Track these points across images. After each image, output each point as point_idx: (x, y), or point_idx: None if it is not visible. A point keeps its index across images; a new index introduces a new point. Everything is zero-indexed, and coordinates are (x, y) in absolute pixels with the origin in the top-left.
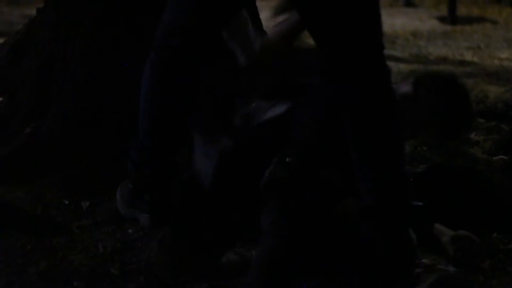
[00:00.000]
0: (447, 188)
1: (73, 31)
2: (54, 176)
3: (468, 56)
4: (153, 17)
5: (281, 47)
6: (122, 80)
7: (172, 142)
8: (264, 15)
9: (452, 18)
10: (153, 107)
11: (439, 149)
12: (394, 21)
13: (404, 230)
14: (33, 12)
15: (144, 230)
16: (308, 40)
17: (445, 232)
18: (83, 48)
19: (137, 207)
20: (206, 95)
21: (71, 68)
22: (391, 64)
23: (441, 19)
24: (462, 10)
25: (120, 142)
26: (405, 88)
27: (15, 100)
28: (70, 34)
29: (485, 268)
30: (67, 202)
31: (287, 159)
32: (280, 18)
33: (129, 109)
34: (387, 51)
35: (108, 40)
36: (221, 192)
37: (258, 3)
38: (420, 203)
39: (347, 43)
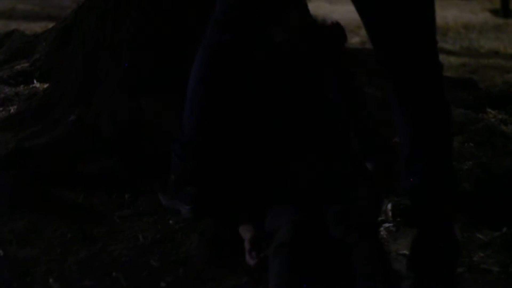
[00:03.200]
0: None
1: (120, 19)
2: (96, 165)
3: None
4: (202, 13)
5: None
6: (168, 71)
7: (217, 137)
8: None
9: (505, 11)
10: (200, 103)
11: (486, 146)
12: (446, 13)
13: (450, 228)
14: None
15: (185, 222)
16: None
17: None
18: (130, 36)
19: (179, 199)
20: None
21: (117, 57)
22: (441, 56)
23: (494, 12)
24: None
25: (166, 133)
26: None
27: (60, 87)
28: (117, 22)
29: None
30: (109, 191)
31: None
32: None
33: (175, 101)
34: (438, 44)
35: (155, 31)
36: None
37: None
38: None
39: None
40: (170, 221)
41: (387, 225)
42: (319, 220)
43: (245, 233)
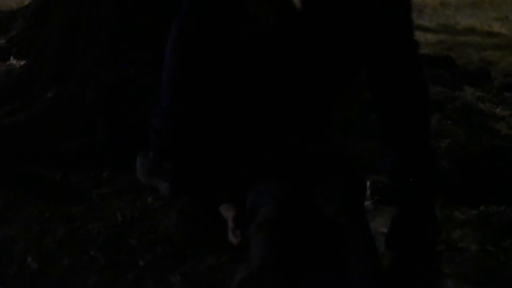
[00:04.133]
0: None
1: None
2: (75, 143)
3: (496, 27)
4: None
5: None
6: (147, 46)
7: (194, 111)
8: None
9: None
10: (177, 76)
11: (463, 124)
12: None
13: (429, 206)
14: None
15: (164, 200)
16: None
17: None
18: (108, 11)
19: (157, 176)
20: None
21: (95, 32)
22: (418, 33)
23: None
24: None
25: (145, 107)
26: None
27: (38, 64)
28: None
29: (506, 246)
30: (87, 169)
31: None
32: None
33: (154, 75)
34: (415, 21)
35: (134, 4)
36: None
37: None
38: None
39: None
40: (149, 199)
41: (365, 203)
42: (304, 199)
43: (227, 211)
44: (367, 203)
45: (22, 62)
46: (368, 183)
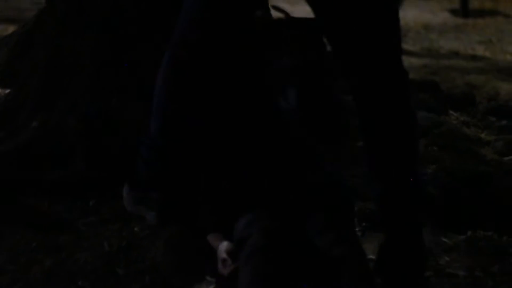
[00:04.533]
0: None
1: (83, 24)
2: (61, 172)
3: (480, 51)
4: (169, 15)
5: None
6: (133, 77)
7: (183, 142)
8: None
9: (464, 11)
10: (165, 106)
11: (449, 149)
12: (406, 13)
13: (417, 233)
14: None
15: (151, 229)
16: None
17: None
18: (93, 41)
19: (144, 205)
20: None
21: (80, 62)
22: (403, 58)
23: (453, 12)
24: (474, 3)
25: (129, 138)
26: None
27: (23, 93)
28: (79, 27)
29: (494, 272)
30: (73, 198)
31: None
32: None
33: (139, 106)
34: None
35: (120, 36)
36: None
37: None
38: None
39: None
40: (135, 228)
41: None
42: (294, 229)
43: (215, 240)
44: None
45: (7, 91)
46: (355, 209)
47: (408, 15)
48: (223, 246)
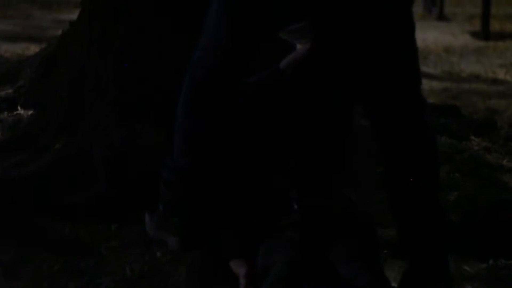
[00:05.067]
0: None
1: (106, 47)
2: (84, 195)
3: (501, 74)
4: (189, 35)
5: None
6: (158, 96)
7: (206, 164)
8: None
9: (485, 34)
10: (187, 127)
11: (471, 176)
12: (426, 35)
13: (442, 261)
14: (65, 17)
15: (173, 254)
16: None
17: None
18: (116, 65)
19: (166, 230)
20: None
21: (103, 85)
22: (424, 81)
23: (474, 34)
24: (495, 25)
25: (151, 162)
26: None
27: (46, 115)
28: (102, 51)
29: None
30: (95, 222)
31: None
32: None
33: (165, 124)
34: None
35: (142, 58)
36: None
37: None
38: None
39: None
40: (158, 253)
41: None
42: (317, 258)
43: (238, 267)
44: None
45: (29, 113)
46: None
47: (429, 37)
48: (246, 273)
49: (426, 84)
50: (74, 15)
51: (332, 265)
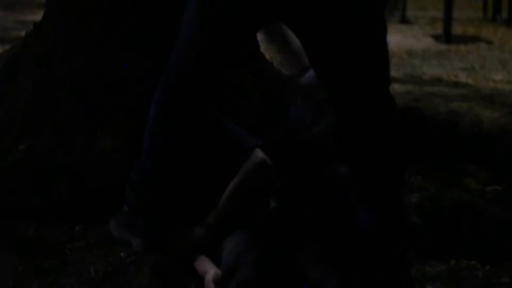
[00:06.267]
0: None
1: (70, 49)
2: (47, 197)
3: (463, 77)
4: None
5: None
6: (120, 101)
7: (173, 168)
8: None
9: (447, 37)
10: (156, 130)
11: (433, 178)
12: (389, 39)
13: (402, 257)
14: (28, 17)
15: (137, 255)
16: None
17: None
18: (80, 66)
19: (130, 231)
20: None
21: (67, 86)
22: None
23: (436, 38)
24: (457, 29)
25: (115, 163)
26: None
27: (10, 116)
28: (66, 52)
29: None
30: (59, 223)
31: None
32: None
33: (127, 129)
34: None
35: (106, 61)
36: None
37: None
38: None
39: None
40: (122, 254)
41: None
42: (285, 259)
43: (202, 267)
44: None
45: None
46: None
47: (391, 40)
48: (211, 275)
49: None
50: (37, 16)
51: (300, 267)
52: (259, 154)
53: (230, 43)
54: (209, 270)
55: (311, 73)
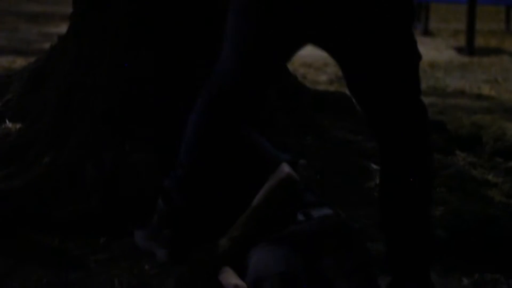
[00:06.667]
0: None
1: (94, 63)
2: (71, 209)
3: (486, 90)
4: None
5: None
6: (146, 115)
7: (205, 179)
8: None
9: (470, 49)
10: (194, 146)
11: (457, 191)
12: None
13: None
14: (52, 30)
15: (161, 267)
16: None
17: None
18: (104, 79)
19: (156, 241)
20: None
21: (90, 101)
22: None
23: (459, 50)
24: (480, 41)
25: (141, 180)
26: None
27: (34, 129)
28: (90, 66)
29: None
30: (84, 235)
31: None
32: None
33: (155, 143)
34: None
35: (130, 76)
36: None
37: None
38: None
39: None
40: (146, 266)
41: None
42: (312, 271)
43: (227, 280)
44: None
45: (18, 126)
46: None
47: None
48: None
49: None
50: (60, 28)
51: (327, 280)
52: (286, 168)
53: (270, 65)
54: (235, 283)
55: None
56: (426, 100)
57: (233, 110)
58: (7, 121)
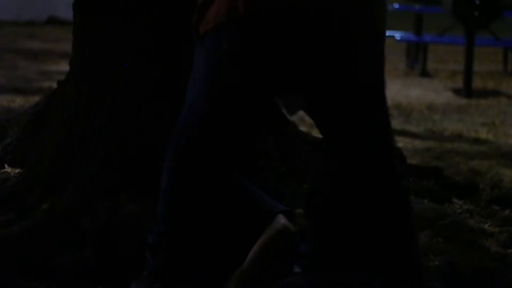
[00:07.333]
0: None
1: (94, 110)
2: (68, 258)
3: (483, 133)
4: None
5: None
6: (144, 164)
7: (190, 231)
8: None
9: (467, 91)
10: (170, 195)
11: (454, 241)
12: (409, 92)
13: None
14: (50, 67)
15: None
16: None
17: None
18: (103, 127)
19: None
20: None
21: (90, 148)
22: (406, 140)
23: (457, 92)
24: (477, 83)
25: (140, 227)
26: None
27: (33, 175)
28: (90, 113)
29: None
30: (79, 284)
31: None
32: None
33: (151, 193)
34: (403, 125)
35: (130, 124)
36: None
37: None
38: None
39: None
40: None
41: None
42: None
43: None
44: None
45: (17, 171)
46: None
47: (412, 94)
48: None
49: (409, 143)
50: (59, 66)
51: None
52: (282, 220)
53: (240, 115)
54: None
55: None
56: (423, 144)
57: (204, 159)
58: (6, 166)
